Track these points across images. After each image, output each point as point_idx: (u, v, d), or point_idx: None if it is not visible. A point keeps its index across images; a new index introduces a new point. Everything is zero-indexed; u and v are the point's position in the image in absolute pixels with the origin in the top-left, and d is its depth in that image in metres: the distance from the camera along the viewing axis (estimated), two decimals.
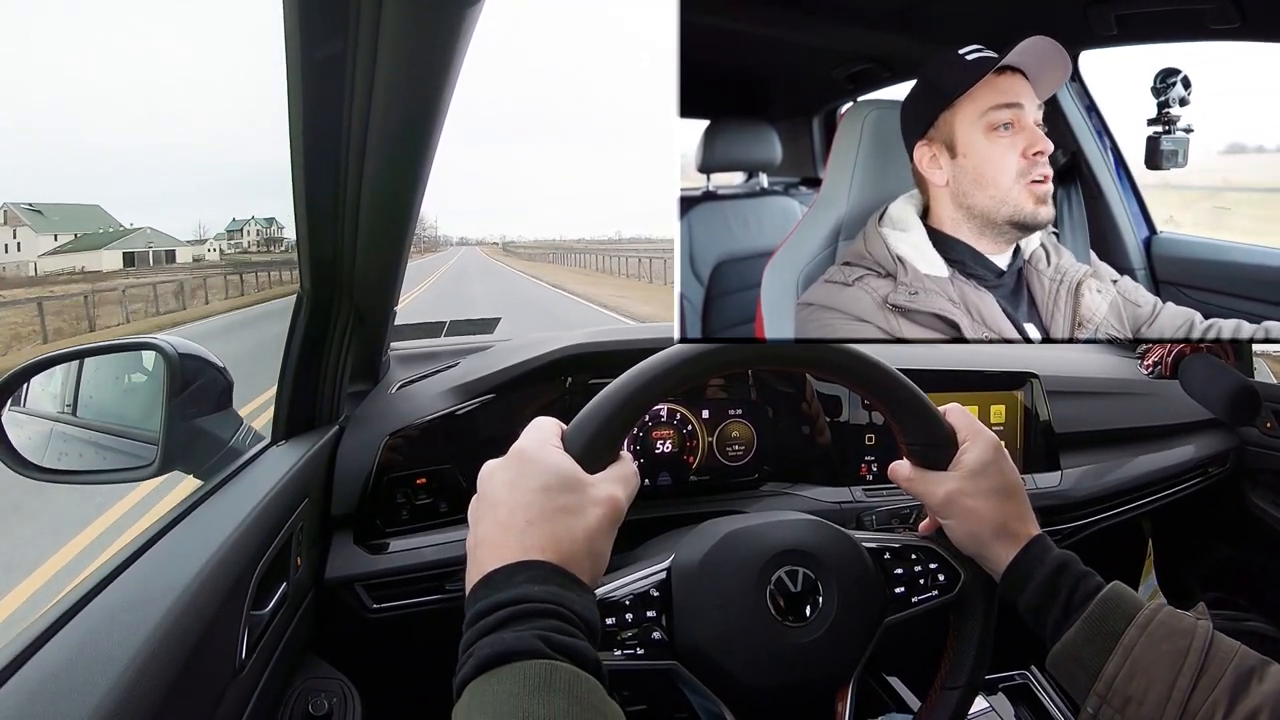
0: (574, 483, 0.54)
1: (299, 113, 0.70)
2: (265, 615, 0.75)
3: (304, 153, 0.75)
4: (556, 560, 0.50)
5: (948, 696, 0.70)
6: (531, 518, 0.51)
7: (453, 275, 33.26)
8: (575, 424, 0.59)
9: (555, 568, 0.50)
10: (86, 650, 0.53)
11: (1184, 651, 0.57)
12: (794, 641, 0.65)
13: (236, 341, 10.47)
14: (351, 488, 1.01)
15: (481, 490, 0.55)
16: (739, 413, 1.17)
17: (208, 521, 0.75)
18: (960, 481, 0.67)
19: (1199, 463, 1.42)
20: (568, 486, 0.54)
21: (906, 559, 0.71)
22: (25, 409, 0.98)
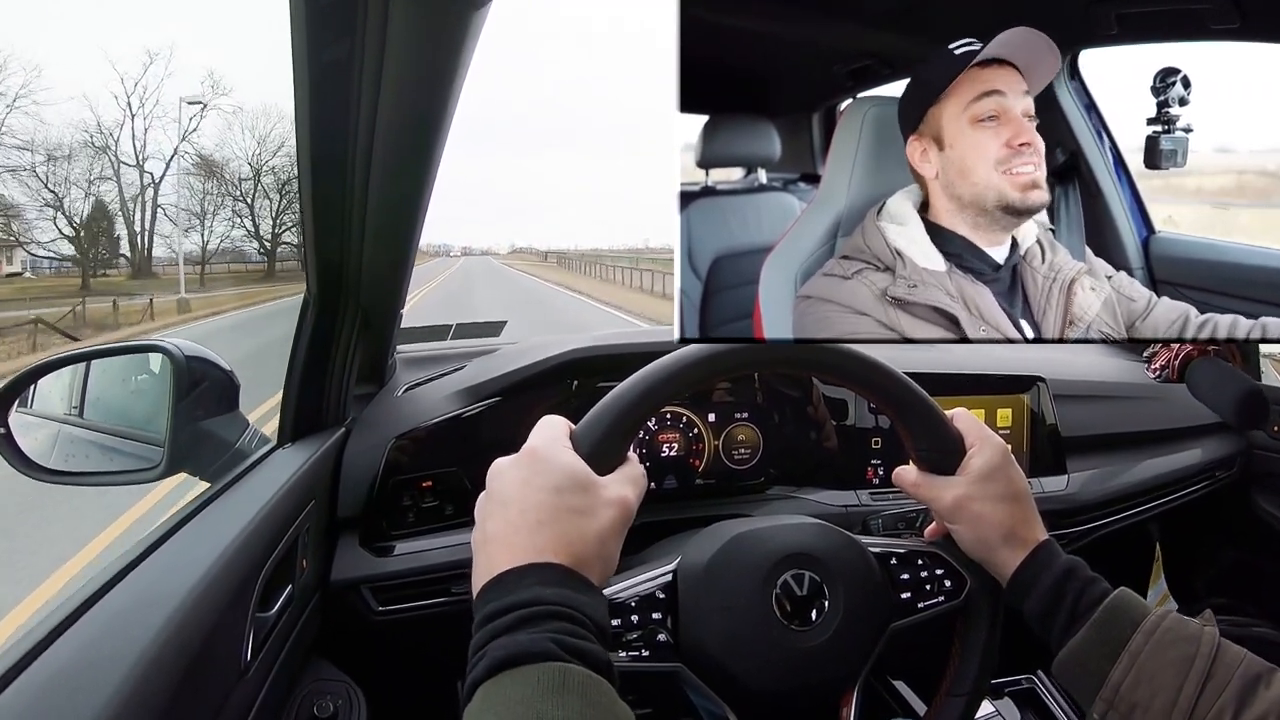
0: (586, 483, 0.54)
1: (306, 115, 0.71)
2: (271, 617, 0.76)
3: (311, 155, 0.75)
4: (568, 562, 0.50)
5: (953, 702, 0.70)
6: (543, 518, 0.51)
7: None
8: (585, 424, 0.59)
9: (567, 570, 0.50)
10: (93, 651, 0.53)
11: (1190, 658, 0.56)
12: (799, 645, 0.65)
13: None
14: (358, 490, 1.02)
15: (491, 488, 0.55)
16: (745, 416, 1.17)
17: (214, 523, 0.75)
18: (967, 487, 0.67)
19: (1206, 466, 1.41)
20: (580, 487, 0.53)
21: (913, 564, 0.71)
22: (33, 410, 0.98)
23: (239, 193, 35.33)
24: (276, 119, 35.68)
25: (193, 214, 33.90)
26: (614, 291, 24.82)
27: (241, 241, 36.47)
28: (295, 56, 0.65)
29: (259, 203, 35.44)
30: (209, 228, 34.22)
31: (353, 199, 0.82)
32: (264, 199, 35.34)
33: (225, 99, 36.03)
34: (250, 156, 36.13)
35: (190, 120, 33.84)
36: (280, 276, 33.75)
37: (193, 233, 33.60)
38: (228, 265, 36.77)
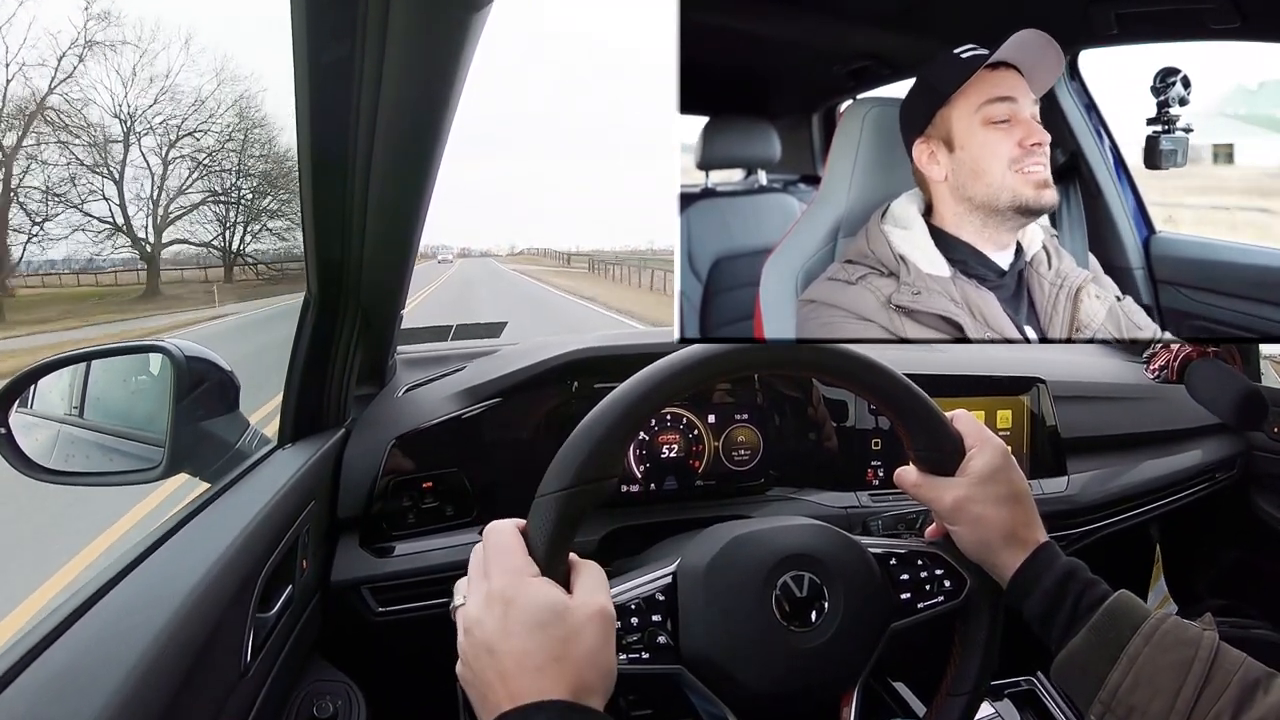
0: (562, 610, 0.53)
1: (306, 116, 0.71)
2: (271, 617, 0.76)
3: (311, 156, 0.75)
4: (569, 695, 0.50)
5: (953, 703, 0.70)
6: (539, 663, 0.51)
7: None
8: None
9: (569, 705, 0.50)
10: (93, 651, 0.53)
11: (1189, 662, 0.56)
12: (799, 647, 0.65)
13: None
14: (358, 491, 1.02)
15: (474, 637, 0.53)
16: (745, 417, 1.17)
17: (214, 524, 0.75)
18: (967, 488, 0.67)
19: (1206, 468, 1.41)
20: (558, 617, 0.52)
21: (913, 565, 0.71)
22: (33, 410, 0.98)
23: (103, 161, 21.99)
24: (163, 45, 23.15)
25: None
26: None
27: (101, 241, 22.45)
28: (296, 58, 0.65)
29: (139, 175, 22.43)
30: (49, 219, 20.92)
31: (353, 200, 0.82)
32: (157, 170, 22.53)
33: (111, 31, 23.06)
34: (119, 106, 23.21)
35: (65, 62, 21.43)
36: (166, 295, 21.05)
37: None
38: (95, 277, 24.07)
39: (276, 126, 28.70)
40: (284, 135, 28.84)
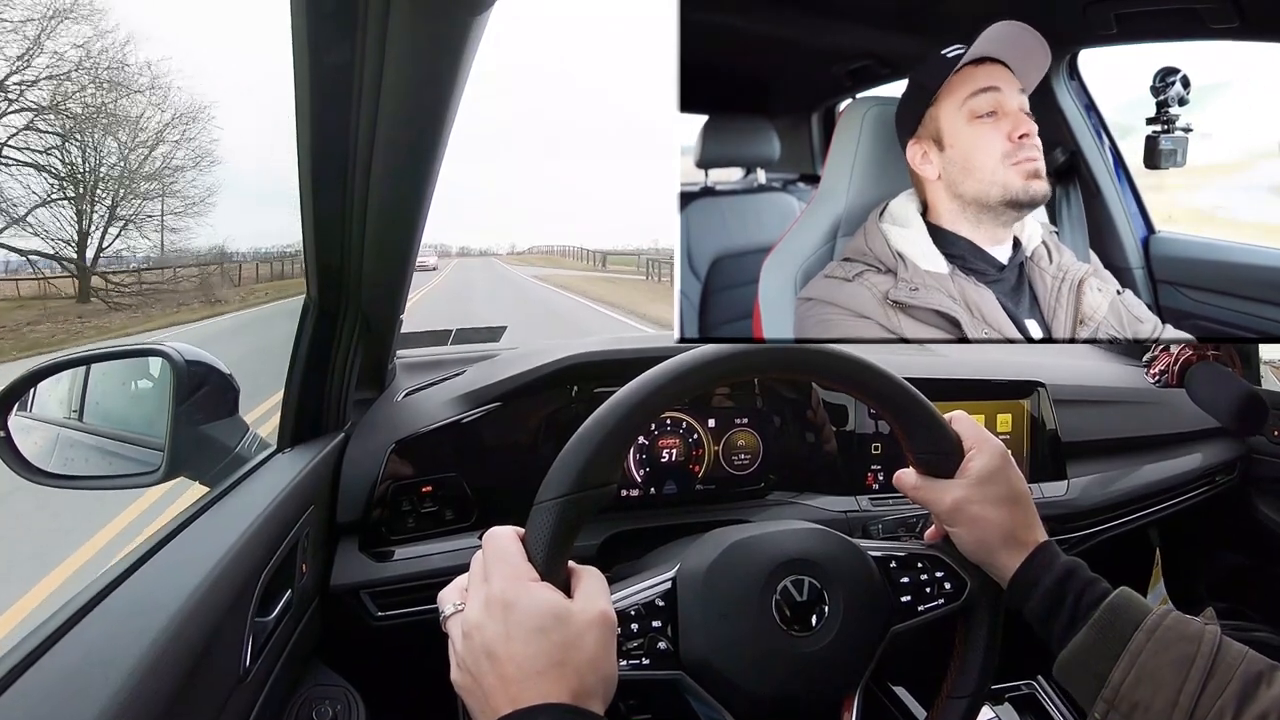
0: (563, 615, 0.53)
1: (307, 120, 0.71)
2: (270, 622, 0.75)
3: (311, 160, 0.76)
4: (570, 699, 0.50)
5: (954, 706, 0.70)
6: (540, 667, 0.51)
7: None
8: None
9: (571, 708, 0.50)
10: (91, 655, 0.53)
11: (1191, 657, 0.56)
12: (800, 651, 0.64)
13: None
14: (357, 495, 1.02)
15: (473, 642, 0.53)
16: (745, 421, 1.17)
17: (213, 528, 0.75)
18: (967, 489, 0.67)
19: (1206, 471, 1.41)
20: (559, 621, 0.52)
21: (913, 567, 0.71)
22: (32, 414, 0.98)
23: None
24: None
25: None
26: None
27: None
28: (296, 61, 0.65)
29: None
30: None
31: (353, 204, 0.82)
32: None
33: None
34: None
35: None
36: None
37: None
38: None
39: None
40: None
